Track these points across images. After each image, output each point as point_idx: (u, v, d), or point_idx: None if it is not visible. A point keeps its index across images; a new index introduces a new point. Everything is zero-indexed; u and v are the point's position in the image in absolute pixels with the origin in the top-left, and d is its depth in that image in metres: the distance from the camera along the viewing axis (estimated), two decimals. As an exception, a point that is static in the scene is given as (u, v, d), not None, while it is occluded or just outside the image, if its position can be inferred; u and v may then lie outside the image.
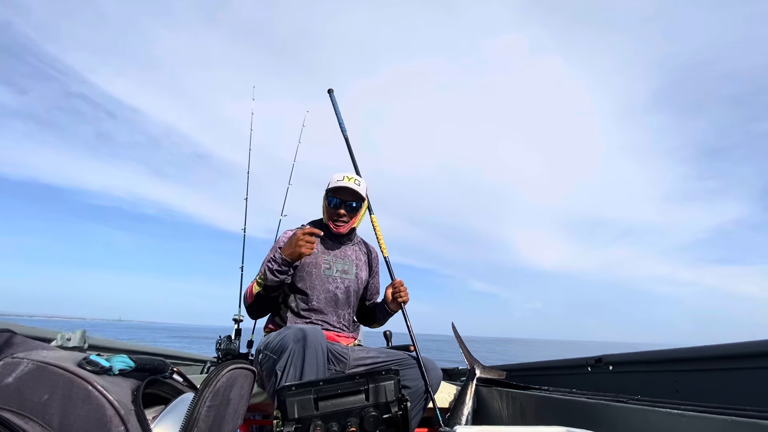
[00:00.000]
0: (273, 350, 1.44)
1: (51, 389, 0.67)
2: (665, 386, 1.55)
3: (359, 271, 1.86)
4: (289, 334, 1.41)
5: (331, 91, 2.22)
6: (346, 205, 1.79)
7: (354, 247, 1.91)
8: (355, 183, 1.80)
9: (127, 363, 0.77)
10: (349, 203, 1.79)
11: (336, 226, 1.80)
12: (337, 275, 1.79)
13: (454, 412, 1.83)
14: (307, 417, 0.98)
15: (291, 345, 1.37)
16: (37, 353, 0.71)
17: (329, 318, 1.74)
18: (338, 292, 1.77)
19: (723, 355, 1.35)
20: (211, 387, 0.81)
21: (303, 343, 1.37)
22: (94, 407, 0.67)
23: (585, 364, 1.97)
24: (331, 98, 2.21)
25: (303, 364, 1.35)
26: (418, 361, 1.63)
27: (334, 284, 1.77)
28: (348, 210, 1.79)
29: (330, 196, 1.81)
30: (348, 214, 1.80)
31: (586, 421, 1.21)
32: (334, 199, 1.79)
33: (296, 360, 1.36)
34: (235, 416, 0.91)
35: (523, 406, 1.64)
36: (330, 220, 1.82)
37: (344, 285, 1.79)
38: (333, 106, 2.19)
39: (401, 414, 1.04)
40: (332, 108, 2.20)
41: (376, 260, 1.98)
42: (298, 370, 1.35)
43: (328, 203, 1.81)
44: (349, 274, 1.83)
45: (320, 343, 1.41)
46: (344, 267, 1.83)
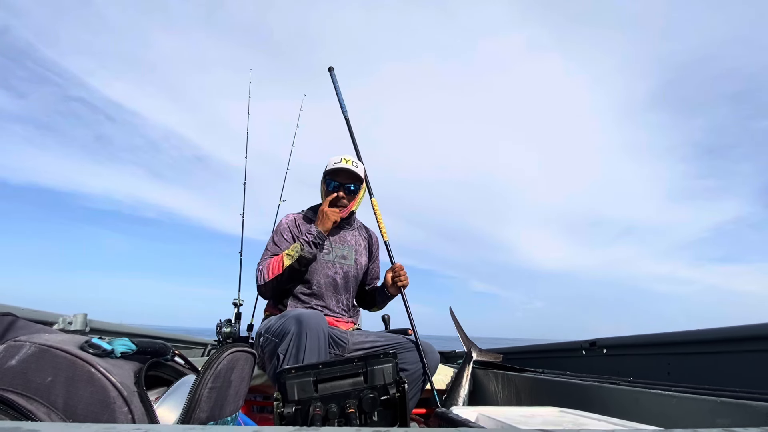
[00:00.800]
0: (274, 334, 1.46)
1: (54, 371, 0.68)
2: (657, 369, 1.59)
3: (359, 257, 1.85)
4: (291, 318, 1.42)
5: (331, 69, 2.14)
6: (344, 188, 1.77)
7: (354, 232, 1.90)
8: (353, 164, 1.78)
9: (128, 346, 0.78)
10: (348, 186, 1.77)
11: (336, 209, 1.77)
12: (336, 260, 1.78)
13: (450, 393, 1.87)
14: (306, 399, 1.00)
15: (293, 329, 1.38)
16: (39, 336, 0.72)
17: (329, 303, 1.74)
18: (337, 278, 1.76)
19: (713, 339, 1.38)
20: (212, 369, 0.83)
21: (305, 327, 1.38)
22: (98, 389, 0.68)
23: (579, 347, 2.01)
24: (332, 77, 2.13)
25: (305, 347, 1.36)
26: (416, 344, 1.65)
27: (333, 269, 1.76)
28: (347, 192, 1.77)
29: (328, 179, 1.78)
30: (347, 196, 1.77)
31: (580, 402, 1.24)
32: (333, 182, 1.77)
33: (298, 343, 1.37)
34: (236, 398, 0.93)
35: (518, 388, 1.67)
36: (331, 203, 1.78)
37: (343, 270, 1.79)
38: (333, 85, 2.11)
39: (399, 396, 1.07)
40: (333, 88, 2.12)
41: (377, 245, 1.97)
42: (300, 353, 1.36)
43: (327, 186, 1.79)
44: (348, 259, 1.81)
45: (321, 328, 1.42)
46: (343, 252, 1.82)
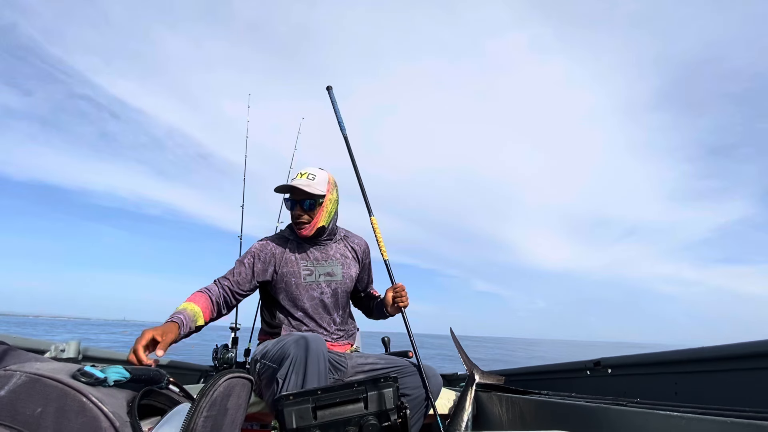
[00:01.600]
0: (272, 359, 1.41)
1: (44, 402, 0.65)
2: (664, 388, 1.55)
3: (347, 269, 1.77)
4: (290, 342, 1.38)
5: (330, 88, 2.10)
6: (301, 207, 1.67)
7: (337, 244, 1.80)
8: (308, 178, 1.67)
9: (122, 374, 0.76)
10: (303, 202, 1.66)
11: (299, 229, 1.69)
12: (321, 280, 1.70)
13: (453, 418, 1.82)
14: (305, 427, 0.97)
15: (293, 352, 1.34)
16: (30, 365, 0.70)
17: (322, 325, 1.69)
18: (324, 298, 1.70)
19: (721, 356, 1.36)
20: (207, 397, 0.80)
21: (305, 350, 1.34)
22: (89, 419, 0.66)
23: (584, 367, 1.97)
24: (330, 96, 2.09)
25: (305, 371, 1.32)
26: (419, 368, 1.61)
27: (318, 290, 1.69)
28: (304, 210, 1.67)
29: (285, 196, 1.70)
30: (307, 213, 1.67)
31: (586, 425, 1.21)
32: (289, 201, 1.69)
33: (298, 367, 1.32)
34: (232, 426, 0.90)
35: (522, 411, 1.63)
36: (294, 224, 1.71)
37: (331, 289, 1.71)
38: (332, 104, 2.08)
39: (401, 421, 1.04)
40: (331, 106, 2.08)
41: (366, 251, 1.89)
42: (300, 378, 1.31)
43: (285, 204, 1.72)
44: (335, 275, 1.73)
45: (321, 350, 1.39)
46: (328, 269, 1.73)
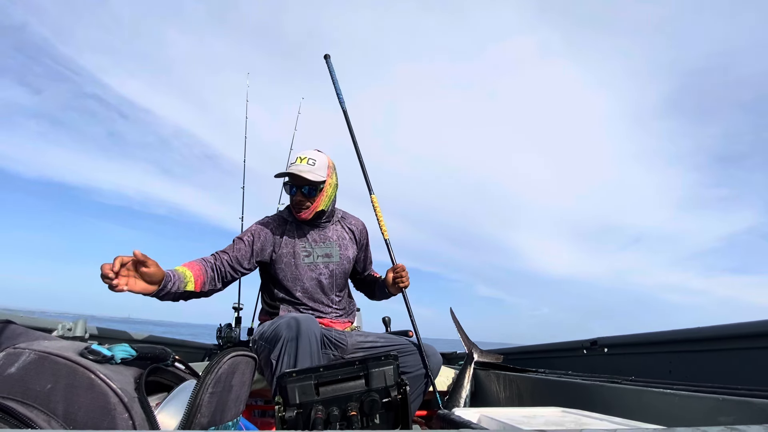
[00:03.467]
0: (267, 340, 1.44)
1: (54, 378, 0.67)
2: (659, 367, 1.58)
3: (344, 251, 1.78)
4: (282, 324, 1.40)
5: (327, 56, 2.00)
6: (301, 192, 1.66)
7: (335, 226, 1.81)
8: (308, 164, 1.65)
9: (128, 352, 0.78)
10: (303, 188, 1.66)
11: (298, 213, 1.69)
12: (319, 261, 1.71)
13: (452, 395, 1.86)
14: (308, 402, 1.00)
15: (284, 334, 1.36)
16: (38, 343, 0.72)
17: (320, 305, 1.71)
18: (322, 278, 1.71)
19: (714, 336, 1.38)
20: (213, 374, 0.82)
21: (296, 332, 1.36)
22: (98, 395, 0.68)
23: (580, 346, 2.00)
24: (328, 64, 2.00)
25: (296, 352, 1.35)
26: (419, 346, 1.64)
27: (317, 271, 1.70)
28: (305, 196, 1.66)
29: (286, 182, 1.69)
30: (307, 198, 1.67)
31: (582, 401, 1.24)
32: (289, 186, 1.69)
33: (290, 349, 1.35)
34: (237, 402, 0.93)
35: (519, 389, 1.67)
36: (293, 207, 1.71)
37: (328, 270, 1.72)
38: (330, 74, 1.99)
39: (400, 398, 1.06)
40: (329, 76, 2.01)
41: (364, 232, 1.89)
42: (292, 359, 1.34)
43: (286, 189, 1.72)
44: (332, 257, 1.74)
45: (313, 331, 1.40)
46: (326, 251, 1.74)
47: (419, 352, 1.62)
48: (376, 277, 1.93)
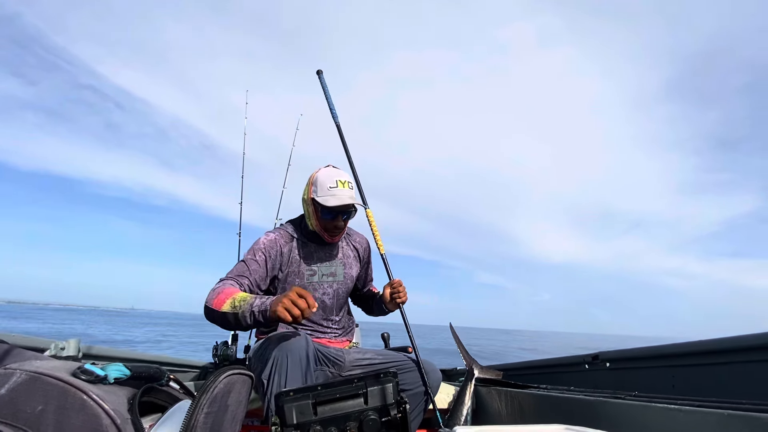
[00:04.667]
0: (259, 359, 1.41)
1: (45, 400, 0.66)
2: (662, 382, 1.56)
3: (348, 269, 1.76)
4: (273, 343, 1.37)
5: (320, 72, 2.00)
6: (342, 218, 1.62)
7: (340, 243, 1.77)
8: (350, 188, 1.61)
9: (122, 371, 0.76)
10: (343, 214, 1.62)
11: (331, 237, 1.66)
12: (324, 280, 1.68)
13: (453, 412, 1.83)
14: (305, 422, 0.98)
15: (274, 353, 1.33)
16: (30, 363, 0.70)
17: (320, 326, 1.68)
18: (326, 298, 1.68)
19: (718, 350, 1.37)
20: (208, 393, 0.81)
21: (286, 350, 1.33)
22: (90, 417, 0.66)
23: (582, 361, 1.98)
24: (321, 80, 2.00)
25: (286, 371, 1.31)
26: (418, 364, 1.62)
27: (320, 290, 1.68)
28: (343, 221, 1.64)
29: (324, 209, 1.59)
30: (345, 224, 1.66)
31: (585, 418, 1.22)
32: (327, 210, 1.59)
33: (279, 368, 1.32)
34: (233, 422, 0.90)
35: (521, 405, 1.64)
36: (323, 230, 1.65)
37: (332, 289, 1.70)
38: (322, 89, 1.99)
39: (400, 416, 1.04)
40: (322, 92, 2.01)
41: (367, 250, 1.87)
42: (283, 378, 1.31)
43: (320, 214, 1.62)
44: (336, 276, 1.71)
45: (304, 349, 1.37)
46: (331, 270, 1.71)
47: (418, 369, 1.60)
48: (375, 292, 1.91)
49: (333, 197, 1.57)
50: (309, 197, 1.63)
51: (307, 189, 1.66)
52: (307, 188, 1.67)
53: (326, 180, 1.60)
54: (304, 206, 1.69)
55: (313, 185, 1.62)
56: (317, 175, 1.63)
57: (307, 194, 1.65)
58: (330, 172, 1.64)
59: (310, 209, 1.65)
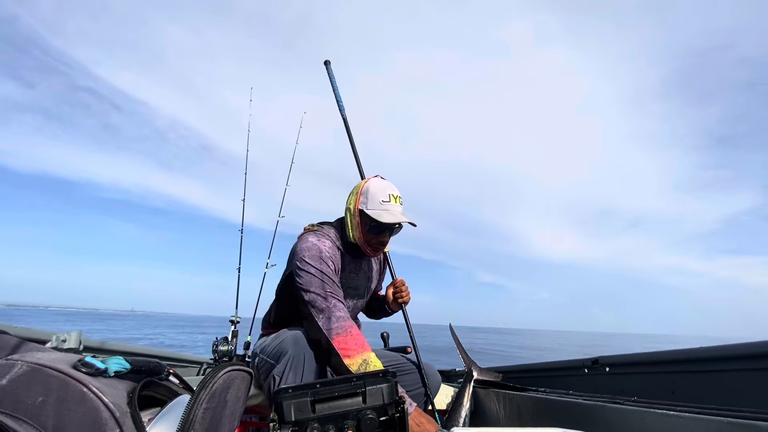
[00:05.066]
0: (270, 354, 1.42)
1: (45, 391, 0.66)
2: (662, 388, 1.56)
3: (370, 284, 1.73)
4: (288, 339, 1.38)
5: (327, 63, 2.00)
6: (389, 234, 1.57)
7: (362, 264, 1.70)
8: (401, 203, 1.54)
9: (122, 365, 0.77)
10: (392, 230, 1.57)
11: (373, 251, 1.60)
12: (349, 293, 1.64)
13: (451, 413, 1.83)
14: (303, 420, 0.98)
15: (291, 350, 1.35)
16: (31, 355, 0.70)
17: None
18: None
19: (719, 357, 1.36)
20: (207, 389, 0.81)
21: (303, 349, 1.35)
22: (89, 409, 0.66)
23: (581, 365, 1.97)
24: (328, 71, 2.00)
25: (303, 369, 1.33)
26: (417, 365, 1.61)
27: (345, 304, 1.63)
28: (390, 235, 1.58)
29: (374, 223, 1.52)
30: (389, 238, 1.59)
31: (583, 422, 1.21)
32: (375, 224, 1.52)
33: (296, 366, 1.33)
34: (231, 418, 0.91)
35: (520, 408, 1.64)
36: (366, 244, 1.57)
37: (352, 302, 1.67)
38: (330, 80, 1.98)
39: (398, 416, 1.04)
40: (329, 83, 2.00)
41: (384, 262, 1.84)
42: (299, 376, 1.33)
43: (368, 230, 1.54)
44: (359, 289, 1.68)
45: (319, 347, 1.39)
46: (357, 283, 1.66)
47: (419, 370, 1.60)
48: (378, 295, 1.91)
49: (387, 213, 1.50)
50: (356, 208, 1.55)
51: (354, 199, 1.57)
52: (354, 198, 1.58)
53: (379, 193, 1.53)
54: (347, 216, 1.59)
55: (363, 196, 1.55)
56: (368, 186, 1.56)
57: (354, 204, 1.56)
58: (382, 184, 1.57)
59: (356, 220, 1.56)
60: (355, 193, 1.58)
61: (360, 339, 1.35)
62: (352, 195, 1.60)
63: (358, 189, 1.59)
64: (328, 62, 2.00)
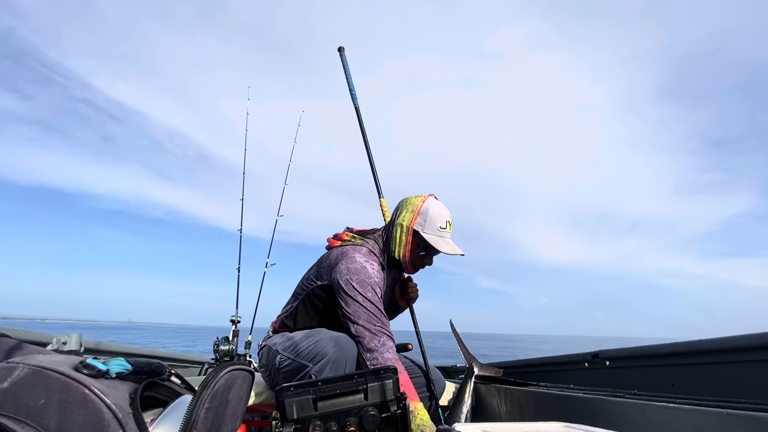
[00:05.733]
0: (303, 355, 1.37)
1: (47, 394, 0.66)
2: (662, 380, 1.57)
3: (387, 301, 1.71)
4: (327, 340, 1.35)
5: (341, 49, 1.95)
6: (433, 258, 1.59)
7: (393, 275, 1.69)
8: (452, 229, 1.55)
9: (124, 366, 0.77)
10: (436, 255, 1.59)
11: (415, 270, 1.62)
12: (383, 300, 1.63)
13: (452, 409, 1.84)
14: (306, 417, 0.98)
15: (331, 352, 1.32)
16: (32, 357, 0.71)
17: None
18: None
19: (718, 349, 1.37)
20: (209, 389, 0.81)
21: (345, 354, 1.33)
22: (92, 411, 0.66)
23: (582, 360, 1.98)
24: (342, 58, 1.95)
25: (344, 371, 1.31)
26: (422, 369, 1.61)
27: None
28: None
29: (428, 248, 1.53)
30: None
31: (584, 416, 1.22)
32: (426, 250, 1.54)
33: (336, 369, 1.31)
34: (233, 417, 0.91)
35: (521, 403, 1.65)
36: (411, 263, 1.56)
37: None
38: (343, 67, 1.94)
39: (400, 413, 1.05)
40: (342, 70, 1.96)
41: None
42: None
43: (418, 248, 1.54)
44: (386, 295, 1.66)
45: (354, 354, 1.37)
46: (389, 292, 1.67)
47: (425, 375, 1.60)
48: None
49: (446, 243, 1.51)
50: (411, 227, 1.52)
51: (409, 216, 1.53)
52: (409, 215, 1.53)
53: (437, 218, 1.51)
54: (397, 232, 1.54)
55: (420, 217, 1.52)
56: (427, 207, 1.52)
57: (409, 223, 1.52)
58: (441, 209, 1.54)
59: (407, 239, 1.52)
60: (411, 211, 1.53)
61: (409, 386, 1.32)
62: (406, 212, 1.54)
63: (414, 207, 1.54)
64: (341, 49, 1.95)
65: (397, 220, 1.55)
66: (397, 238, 1.53)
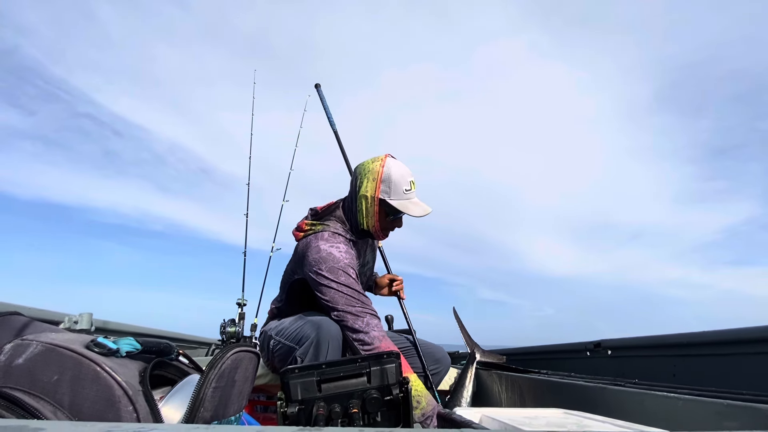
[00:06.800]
0: (290, 338, 1.43)
1: (60, 370, 0.68)
2: (663, 370, 1.57)
3: (368, 271, 1.74)
4: (309, 324, 1.39)
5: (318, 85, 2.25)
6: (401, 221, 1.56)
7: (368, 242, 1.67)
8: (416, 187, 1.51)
9: (133, 345, 0.79)
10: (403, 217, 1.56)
11: (386, 236, 1.57)
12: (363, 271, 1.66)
13: (454, 394, 1.86)
14: (310, 398, 1.00)
15: (312, 335, 1.35)
16: (46, 335, 0.72)
17: None
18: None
19: (720, 341, 1.37)
20: (216, 369, 0.83)
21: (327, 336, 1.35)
22: (103, 387, 0.68)
23: (584, 348, 2.00)
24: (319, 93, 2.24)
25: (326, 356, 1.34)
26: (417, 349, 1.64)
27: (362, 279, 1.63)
28: None
29: (394, 211, 1.47)
30: None
31: (584, 403, 1.23)
32: (393, 213, 1.48)
33: (317, 351, 1.34)
34: (239, 397, 0.93)
35: (522, 389, 1.67)
36: (380, 229, 1.50)
37: (365, 277, 1.71)
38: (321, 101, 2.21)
39: (402, 396, 1.06)
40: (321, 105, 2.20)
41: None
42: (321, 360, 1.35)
43: (387, 216, 1.49)
44: (369, 263, 1.70)
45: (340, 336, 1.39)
46: (367, 258, 1.67)
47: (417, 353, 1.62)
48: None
49: (414, 205, 1.46)
50: (376, 196, 1.45)
51: (372, 186, 1.45)
52: (371, 185, 1.46)
53: (401, 181, 1.44)
54: (362, 203, 1.48)
55: (383, 183, 1.45)
56: (388, 172, 1.44)
57: (373, 192, 1.45)
58: (402, 169, 1.47)
59: (374, 209, 1.46)
60: (372, 180, 1.46)
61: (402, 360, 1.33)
62: (367, 181, 1.46)
63: (374, 174, 1.46)
64: (318, 85, 2.24)
65: (360, 192, 1.47)
66: (363, 210, 1.47)
